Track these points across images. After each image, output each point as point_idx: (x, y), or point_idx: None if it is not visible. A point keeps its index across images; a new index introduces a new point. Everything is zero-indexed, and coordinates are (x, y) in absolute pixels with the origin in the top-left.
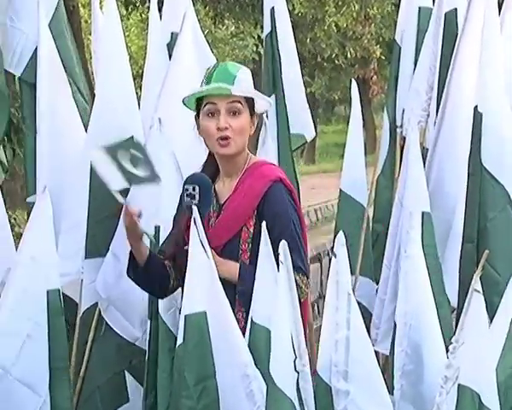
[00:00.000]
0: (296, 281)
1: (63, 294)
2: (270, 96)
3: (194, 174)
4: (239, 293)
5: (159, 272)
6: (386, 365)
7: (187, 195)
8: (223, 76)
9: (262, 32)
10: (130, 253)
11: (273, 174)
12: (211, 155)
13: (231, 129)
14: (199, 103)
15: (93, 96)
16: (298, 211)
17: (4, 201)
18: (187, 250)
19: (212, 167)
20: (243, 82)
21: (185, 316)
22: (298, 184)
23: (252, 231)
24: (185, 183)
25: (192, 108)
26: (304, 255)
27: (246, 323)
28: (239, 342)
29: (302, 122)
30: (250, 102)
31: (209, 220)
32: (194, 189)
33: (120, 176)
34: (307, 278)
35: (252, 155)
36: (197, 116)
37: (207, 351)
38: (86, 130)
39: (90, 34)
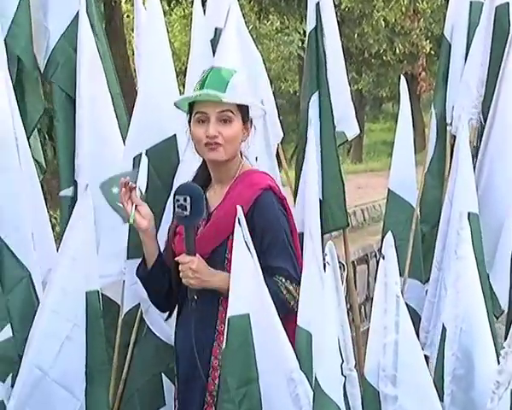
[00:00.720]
0: (290, 290)
1: (103, 295)
2: (313, 94)
3: (186, 184)
4: None
5: (163, 281)
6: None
7: (178, 206)
8: (215, 82)
9: None
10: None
11: (263, 182)
12: (204, 161)
13: (221, 137)
14: (192, 108)
15: (135, 92)
16: (290, 219)
17: (45, 200)
18: (175, 261)
19: (204, 174)
20: (237, 87)
21: (229, 318)
22: (343, 183)
23: None
24: (176, 193)
25: (185, 110)
26: (297, 264)
27: None
28: (284, 345)
29: (346, 120)
30: (243, 108)
31: (197, 228)
32: (185, 200)
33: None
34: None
35: (244, 163)
36: (189, 123)
37: (251, 354)
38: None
39: (133, 30)
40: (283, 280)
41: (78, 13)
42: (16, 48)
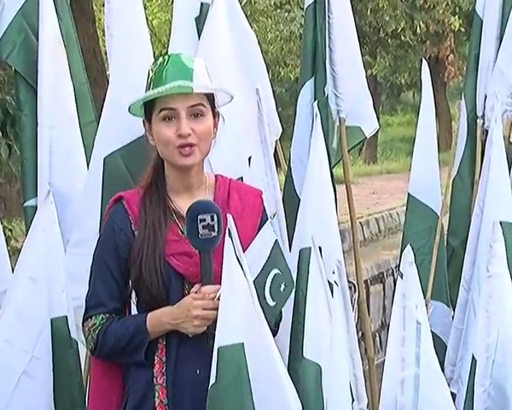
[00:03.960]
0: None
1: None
2: (308, 80)
3: (203, 200)
4: None
5: None
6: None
7: (204, 226)
8: (179, 72)
9: None
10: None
11: (254, 188)
12: (158, 166)
13: (194, 134)
14: (149, 107)
15: (106, 80)
16: None
17: None
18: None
19: (160, 180)
20: (202, 75)
21: (218, 349)
22: (335, 192)
23: None
24: (198, 212)
25: (139, 115)
26: None
27: None
28: (284, 382)
29: (361, 112)
30: (211, 98)
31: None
32: (212, 218)
33: None
34: None
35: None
36: (147, 121)
37: (246, 391)
38: None
39: (103, 6)
40: None
41: None
42: None
